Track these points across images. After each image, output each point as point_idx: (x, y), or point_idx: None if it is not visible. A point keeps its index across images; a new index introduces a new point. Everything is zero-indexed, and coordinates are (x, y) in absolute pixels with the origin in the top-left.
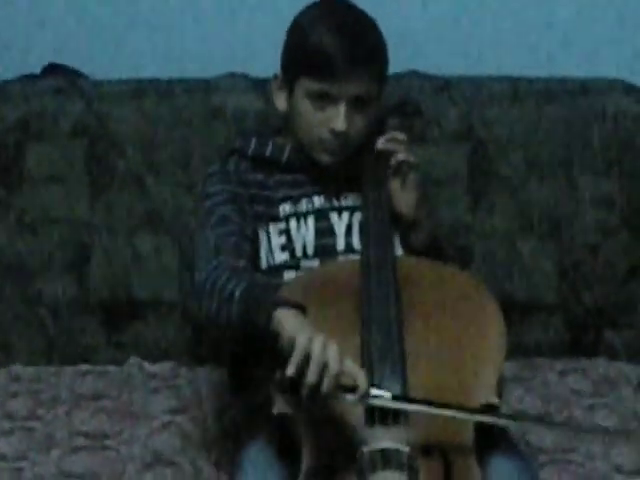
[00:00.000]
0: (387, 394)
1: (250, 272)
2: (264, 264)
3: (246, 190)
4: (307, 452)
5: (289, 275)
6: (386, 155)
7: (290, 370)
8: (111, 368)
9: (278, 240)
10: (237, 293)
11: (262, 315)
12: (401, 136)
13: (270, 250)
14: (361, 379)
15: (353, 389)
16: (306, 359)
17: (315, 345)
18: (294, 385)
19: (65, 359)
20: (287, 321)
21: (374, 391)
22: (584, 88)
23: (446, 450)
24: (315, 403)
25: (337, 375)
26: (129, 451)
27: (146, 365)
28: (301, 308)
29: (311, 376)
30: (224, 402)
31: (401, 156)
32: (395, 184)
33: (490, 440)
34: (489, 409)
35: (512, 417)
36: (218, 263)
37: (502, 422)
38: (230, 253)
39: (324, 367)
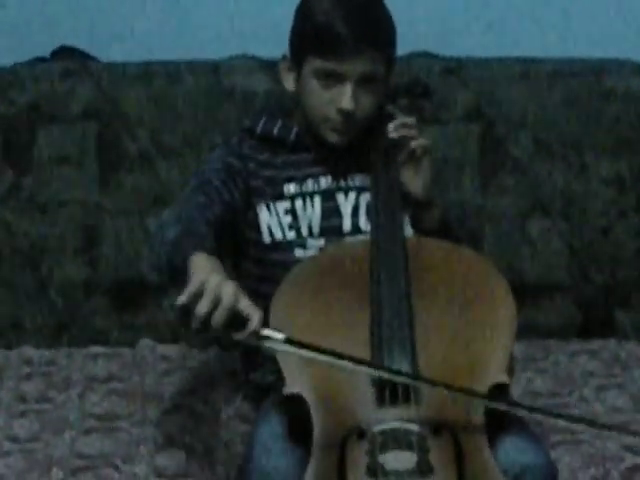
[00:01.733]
0: (279, 335)
1: (193, 221)
2: (267, 239)
3: (243, 164)
4: (318, 432)
5: (299, 252)
6: (400, 141)
7: (181, 299)
8: (123, 350)
9: (285, 219)
10: (169, 238)
11: (180, 259)
12: (410, 120)
13: (280, 226)
14: (255, 319)
15: (244, 325)
16: (201, 292)
17: (211, 280)
18: (186, 317)
19: (76, 341)
20: (199, 263)
21: (266, 331)
22: (594, 69)
23: (456, 429)
24: (205, 336)
25: (228, 309)
26: (141, 433)
27: (158, 347)
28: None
29: (201, 307)
30: (235, 383)
31: (415, 143)
32: (408, 167)
33: (501, 420)
34: (499, 389)
35: (519, 406)
36: (172, 214)
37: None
38: (190, 207)
39: (216, 301)
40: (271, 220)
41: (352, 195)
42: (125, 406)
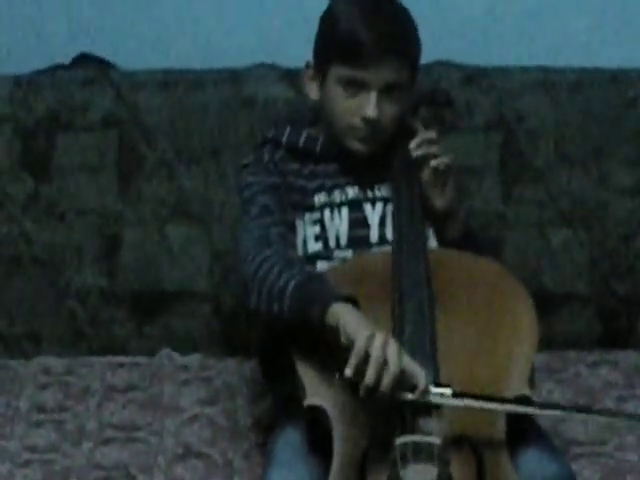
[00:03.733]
0: (447, 391)
1: (300, 263)
2: (299, 253)
3: (283, 179)
4: (338, 444)
5: (322, 265)
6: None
7: (348, 372)
8: (141, 360)
9: (312, 230)
10: (290, 287)
11: (316, 310)
12: (432, 135)
13: (304, 239)
14: (421, 378)
15: (412, 388)
16: (365, 359)
17: (375, 345)
18: (353, 384)
19: (95, 350)
20: (344, 316)
21: (434, 389)
22: (615, 77)
23: (478, 442)
24: (374, 401)
25: (396, 375)
26: (160, 443)
27: (176, 357)
28: (354, 302)
29: (369, 378)
30: (255, 393)
31: (435, 162)
32: (431, 183)
33: (521, 432)
34: (522, 401)
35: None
36: (267, 256)
37: (547, 413)
38: (276, 244)
39: (383, 367)
40: (302, 233)
41: (379, 205)
42: (143, 416)
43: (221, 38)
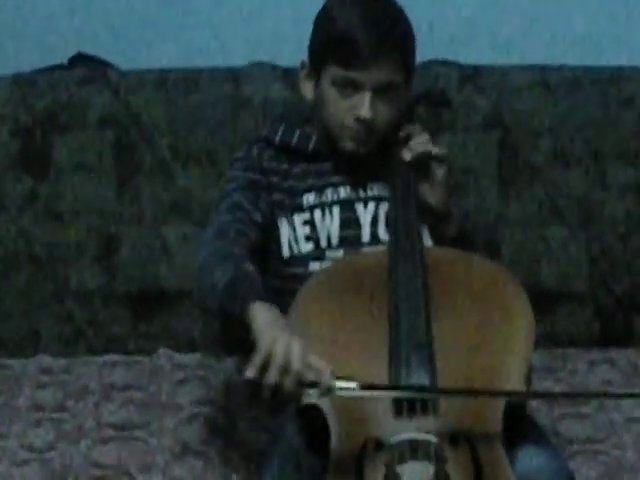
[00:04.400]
0: (352, 384)
1: (240, 261)
2: (286, 253)
3: (266, 178)
4: (335, 442)
5: (314, 266)
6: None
7: (249, 373)
8: (139, 359)
9: (303, 230)
10: (221, 283)
11: (237, 307)
12: (425, 137)
13: (295, 240)
14: (325, 374)
15: (316, 384)
16: (268, 360)
17: (277, 346)
18: (256, 386)
19: (93, 350)
20: (257, 317)
21: (339, 384)
22: (613, 76)
23: (474, 440)
24: (279, 400)
25: (297, 374)
26: (158, 442)
27: (174, 356)
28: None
29: (270, 378)
30: (253, 393)
31: (434, 151)
32: (424, 179)
33: (518, 430)
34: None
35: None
36: (214, 249)
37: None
38: (229, 239)
39: (285, 367)
40: (290, 234)
41: (371, 205)
42: (142, 415)
43: (218, 37)
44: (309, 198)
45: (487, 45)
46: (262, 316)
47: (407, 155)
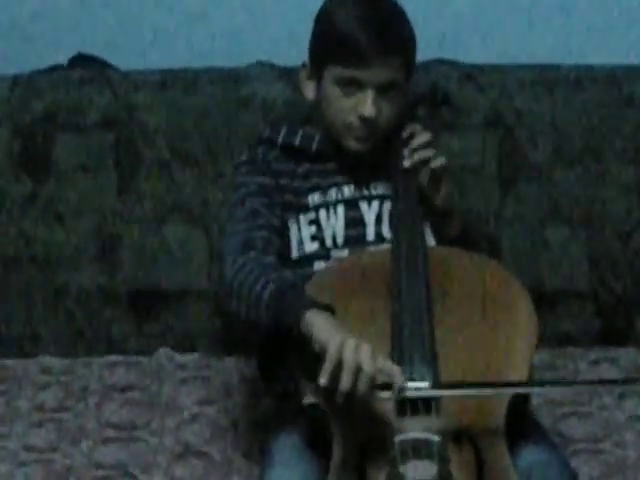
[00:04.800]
0: (424, 384)
1: (278, 270)
2: (295, 254)
3: (275, 180)
4: (337, 442)
5: (319, 265)
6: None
7: (322, 380)
8: (140, 359)
9: (308, 230)
10: (265, 296)
11: (291, 318)
12: (427, 137)
13: (300, 240)
14: (397, 376)
15: (388, 386)
16: (339, 366)
17: (347, 351)
18: (329, 391)
19: (94, 350)
20: (317, 324)
21: (410, 384)
22: (613, 75)
23: (477, 439)
24: (352, 404)
25: (371, 378)
26: (159, 442)
27: (175, 356)
28: (329, 309)
29: (345, 384)
30: (253, 393)
31: (432, 165)
32: (428, 183)
33: (521, 429)
34: (520, 398)
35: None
36: (246, 260)
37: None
38: (258, 249)
39: (357, 371)
40: (296, 234)
41: (375, 204)
42: (143, 415)
43: (219, 37)
44: (314, 198)
45: (488, 44)
46: (321, 322)
47: (407, 162)
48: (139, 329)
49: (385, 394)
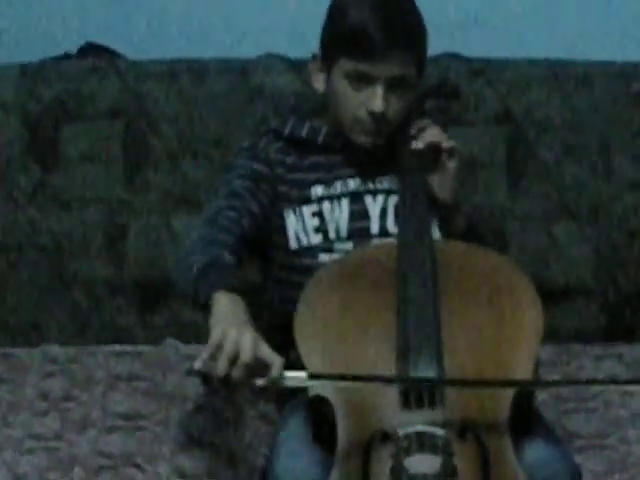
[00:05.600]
0: (302, 374)
1: (220, 249)
2: (294, 244)
3: (270, 170)
4: (342, 434)
5: (324, 257)
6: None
7: (197, 364)
8: (146, 349)
9: (311, 222)
10: (195, 268)
11: (204, 294)
12: (436, 127)
13: (304, 231)
14: (275, 365)
15: (265, 374)
16: (218, 351)
17: (227, 338)
18: (206, 376)
19: (100, 339)
20: (217, 307)
21: (288, 373)
22: (623, 71)
23: (481, 434)
24: (228, 389)
25: (246, 365)
26: (164, 432)
27: (181, 346)
28: (242, 294)
29: (219, 369)
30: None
31: (445, 144)
32: (435, 171)
33: (526, 425)
34: (525, 393)
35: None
36: (201, 235)
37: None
38: (220, 226)
39: (234, 358)
40: (298, 225)
41: (380, 197)
42: (148, 405)
43: (228, 28)
44: (317, 190)
45: (497, 39)
46: (222, 306)
47: (419, 144)
48: (145, 319)
49: (260, 381)
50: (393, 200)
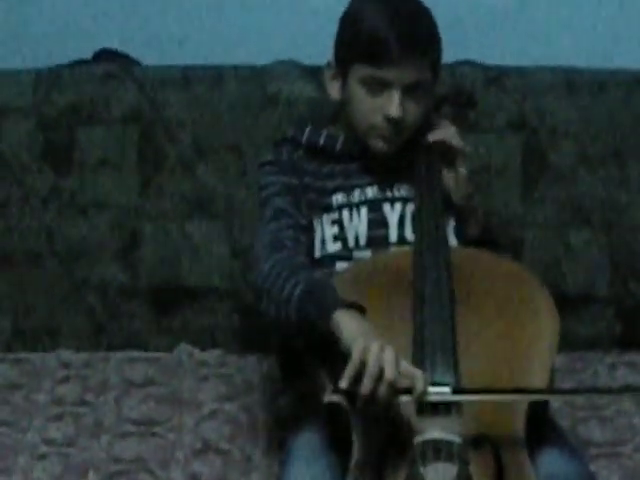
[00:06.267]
0: (445, 389)
1: (308, 269)
2: (317, 253)
3: (300, 179)
4: (357, 441)
5: (341, 266)
6: (439, 146)
7: (343, 383)
8: (160, 354)
9: (331, 230)
10: (295, 294)
11: (319, 319)
12: (451, 129)
13: (323, 240)
14: (418, 381)
15: (410, 390)
16: (361, 369)
17: (370, 355)
18: (350, 393)
19: (114, 345)
20: (345, 324)
21: (431, 389)
22: (637, 79)
23: (497, 442)
24: (372, 408)
25: (392, 382)
26: (178, 438)
27: (196, 352)
28: (360, 308)
29: (365, 388)
30: (273, 390)
31: (454, 142)
32: (447, 176)
33: (541, 433)
34: (540, 401)
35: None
36: (276, 260)
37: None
38: (288, 248)
39: (379, 375)
40: (319, 234)
41: (398, 205)
42: (162, 411)
43: (244, 35)
44: (338, 198)
45: (512, 46)
46: (349, 324)
47: (430, 137)
48: (159, 325)
49: (406, 398)
50: (411, 208)
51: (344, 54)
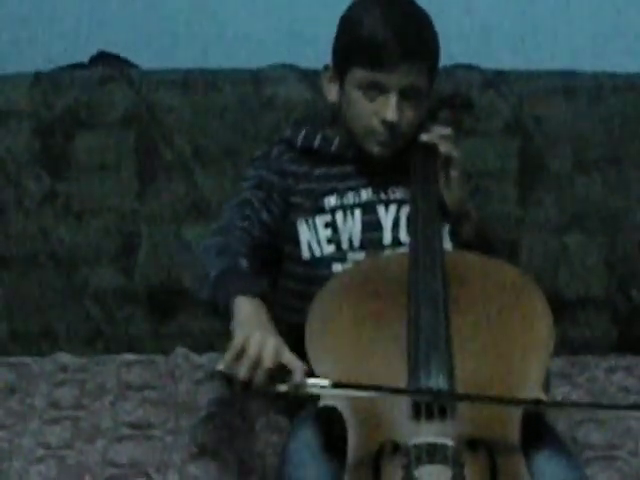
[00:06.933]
0: (324, 382)
1: (235, 256)
2: (306, 255)
3: (282, 180)
4: (352, 445)
5: (337, 267)
6: (434, 149)
7: (219, 366)
8: (157, 358)
9: (324, 232)
10: (212, 275)
11: (224, 299)
12: (446, 131)
13: (317, 242)
14: (297, 372)
15: (286, 380)
16: (242, 354)
17: (250, 342)
18: (228, 379)
19: (111, 349)
20: (239, 310)
21: (310, 380)
22: (634, 83)
23: (492, 445)
24: (250, 394)
25: (268, 369)
26: (174, 441)
27: (192, 356)
28: (263, 299)
29: (241, 372)
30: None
31: (443, 148)
32: (441, 179)
33: (536, 437)
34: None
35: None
36: (213, 243)
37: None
38: (231, 236)
39: (257, 362)
40: (310, 236)
41: (393, 208)
42: (158, 414)
43: (240, 38)
44: (330, 200)
45: (509, 50)
46: (243, 310)
47: (425, 136)
48: (156, 328)
49: (283, 387)
50: (405, 210)
51: (342, 57)
